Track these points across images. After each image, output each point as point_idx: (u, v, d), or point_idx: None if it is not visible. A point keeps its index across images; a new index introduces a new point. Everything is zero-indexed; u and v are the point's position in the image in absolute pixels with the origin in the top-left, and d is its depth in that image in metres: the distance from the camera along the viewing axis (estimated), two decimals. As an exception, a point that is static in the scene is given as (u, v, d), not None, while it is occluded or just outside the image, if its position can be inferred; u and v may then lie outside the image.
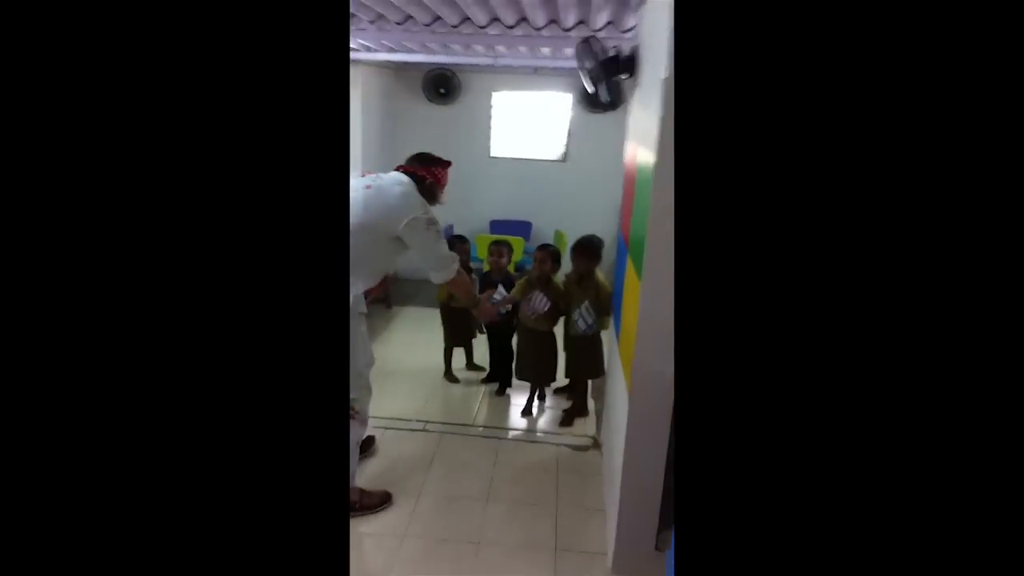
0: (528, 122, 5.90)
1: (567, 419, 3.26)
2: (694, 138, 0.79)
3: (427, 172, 2.44)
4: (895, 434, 0.71)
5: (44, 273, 0.70)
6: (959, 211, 0.69)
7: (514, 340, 3.51)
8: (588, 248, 3.12)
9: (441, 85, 5.72)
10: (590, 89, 2.67)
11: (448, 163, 2.54)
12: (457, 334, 3.70)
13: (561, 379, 3.38)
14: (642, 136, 2.13)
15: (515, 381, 3.53)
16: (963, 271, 0.69)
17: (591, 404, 3.31)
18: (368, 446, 2.88)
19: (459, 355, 3.81)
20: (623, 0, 2.76)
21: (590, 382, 3.30)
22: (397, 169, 2.45)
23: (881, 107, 0.71)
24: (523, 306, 3.19)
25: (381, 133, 5.52)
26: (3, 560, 0.69)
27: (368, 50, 4.23)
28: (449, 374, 3.75)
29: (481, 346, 3.79)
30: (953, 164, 0.69)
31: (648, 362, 1.92)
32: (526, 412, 3.35)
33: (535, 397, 3.39)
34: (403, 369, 3.81)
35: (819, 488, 0.73)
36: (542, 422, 3.30)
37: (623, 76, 2.54)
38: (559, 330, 3.24)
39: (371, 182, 2.32)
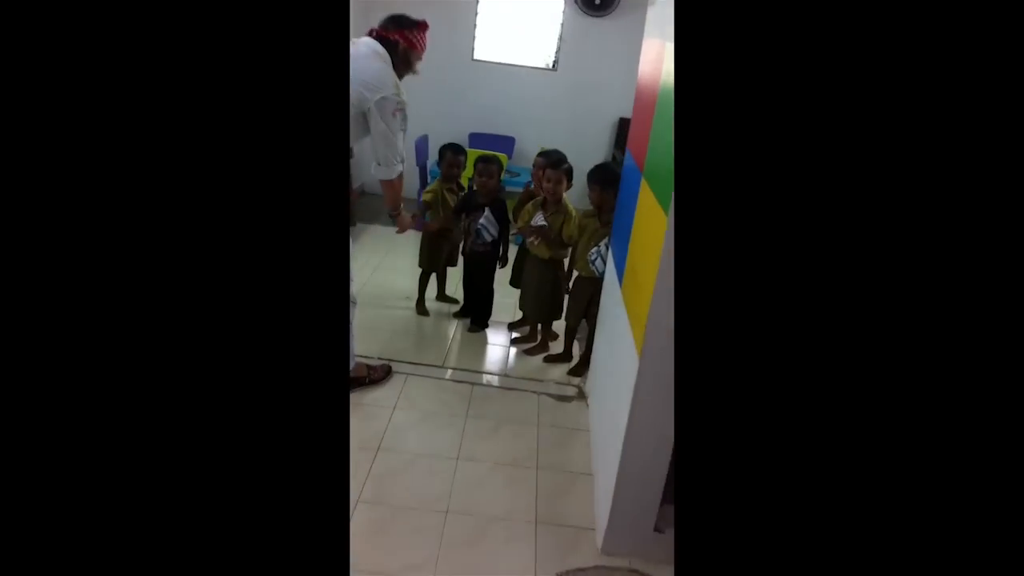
0: (516, 23, 5.27)
1: (555, 359, 2.99)
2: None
3: (400, 36, 2.28)
4: (894, 423, 0.69)
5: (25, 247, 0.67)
6: (958, 203, 0.66)
7: (499, 276, 3.16)
8: (608, 176, 2.63)
9: (420, -27, 5.03)
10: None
11: (425, 25, 2.35)
12: (436, 258, 3.27)
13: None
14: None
15: (492, 321, 3.20)
16: (961, 269, 0.67)
17: (575, 348, 2.98)
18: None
19: (431, 286, 3.42)
20: None
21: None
22: (368, 34, 2.31)
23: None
24: (525, 230, 2.84)
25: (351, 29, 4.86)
26: (3, 560, 0.68)
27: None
28: (421, 305, 3.36)
29: (455, 276, 3.40)
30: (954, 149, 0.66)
31: (669, 317, 1.55)
32: (517, 341, 3.13)
33: (536, 335, 3.10)
34: (365, 296, 3.39)
35: (823, 481, 0.71)
36: (520, 366, 2.97)
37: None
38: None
39: None
